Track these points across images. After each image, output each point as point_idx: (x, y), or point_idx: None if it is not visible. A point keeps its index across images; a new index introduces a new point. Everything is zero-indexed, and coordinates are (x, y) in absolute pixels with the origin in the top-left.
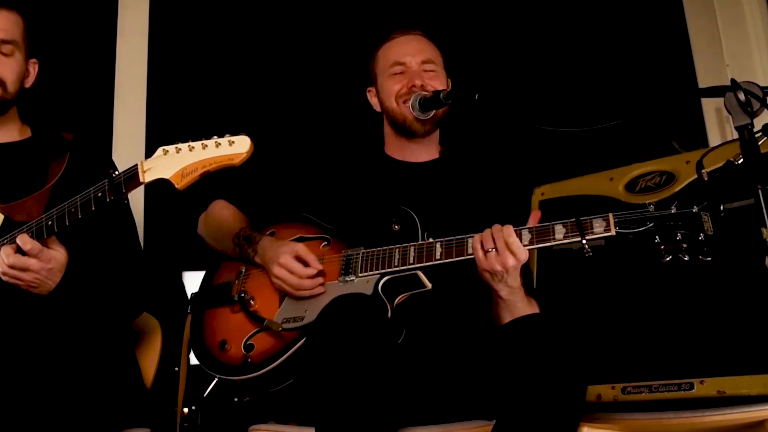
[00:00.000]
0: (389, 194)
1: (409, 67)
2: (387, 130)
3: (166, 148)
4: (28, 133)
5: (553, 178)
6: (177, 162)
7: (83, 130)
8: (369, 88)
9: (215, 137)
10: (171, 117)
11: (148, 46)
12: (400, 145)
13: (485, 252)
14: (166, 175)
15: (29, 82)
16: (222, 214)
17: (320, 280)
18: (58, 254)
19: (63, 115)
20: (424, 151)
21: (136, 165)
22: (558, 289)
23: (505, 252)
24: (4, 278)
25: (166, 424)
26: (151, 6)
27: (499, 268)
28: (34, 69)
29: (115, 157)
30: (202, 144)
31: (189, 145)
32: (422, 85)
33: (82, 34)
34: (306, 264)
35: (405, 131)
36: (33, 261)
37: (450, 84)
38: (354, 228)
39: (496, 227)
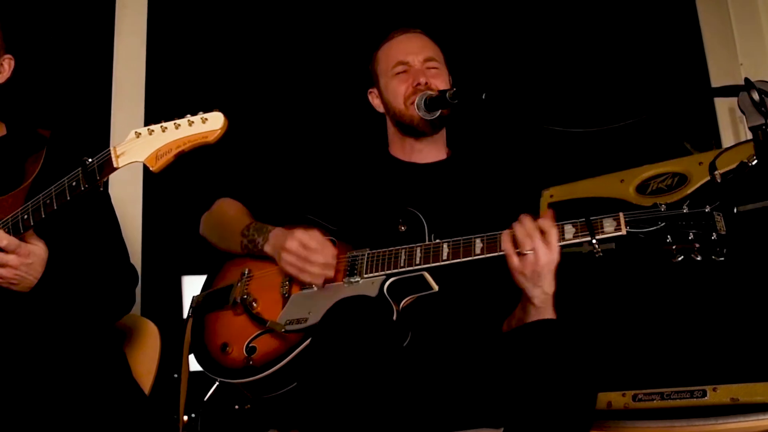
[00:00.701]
0: (395, 195)
1: (412, 66)
2: (391, 130)
3: (139, 130)
4: (3, 130)
5: (562, 180)
6: (150, 144)
7: (80, 129)
8: (370, 90)
9: (188, 116)
10: (170, 118)
11: (147, 46)
12: (406, 145)
13: (520, 254)
14: (140, 158)
15: (2, 78)
16: (228, 211)
17: (332, 265)
18: (37, 248)
19: (60, 115)
20: (432, 152)
21: (109, 150)
22: (567, 294)
23: (541, 250)
24: None
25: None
26: (149, 6)
27: (531, 268)
28: (9, 65)
29: None
30: (175, 124)
31: (162, 126)
32: (426, 83)
33: (80, 33)
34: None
35: (413, 131)
36: (11, 257)
37: (451, 80)
38: (359, 229)
39: (529, 222)
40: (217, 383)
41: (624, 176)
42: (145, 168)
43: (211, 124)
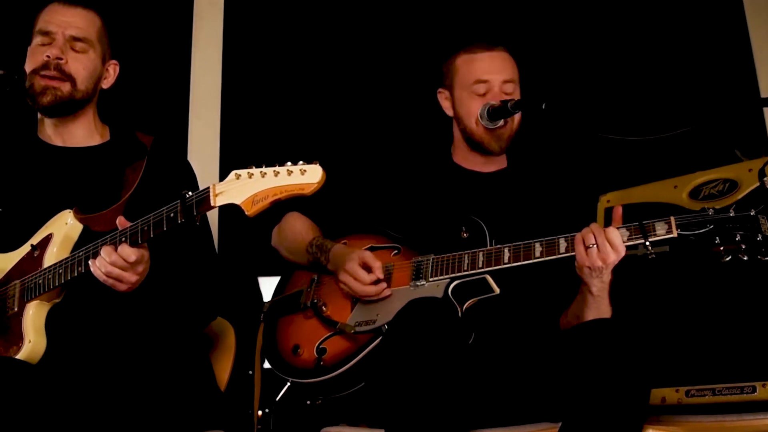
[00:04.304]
0: (458, 203)
1: (492, 86)
2: (458, 136)
3: (239, 172)
4: (107, 135)
5: (618, 186)
6: (249, 188)
7: (160, 136)
8: (440, 90)
9: (288, 164)
10: (245, 126)
11: (223, 56)
12: (471, 154)
13: (586, 248)
14: (237, 201)
15: (108, 83)
16: (295, 225)
17: (384, 285)
18: (147, 253)
19: (140, 122)
20: (493, 162)
21: (208, 188)
22: (622, 294)
23: (606, 247)
24: (105, 277)
25: (239, 426)
26: (225, 18)
27: (599, 263)
28: (114, 70)
29: None
30: (275, 171)
31: (261, 171)
32: None
33: (158, 44)
34: (370, 270)
35: (481, 149)
36: (141, 266)
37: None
38: (424, 236)
39: (596, 225)
40: (288, 384)
41: (677, 182)
42: (239, 209)
43: (309, 176)
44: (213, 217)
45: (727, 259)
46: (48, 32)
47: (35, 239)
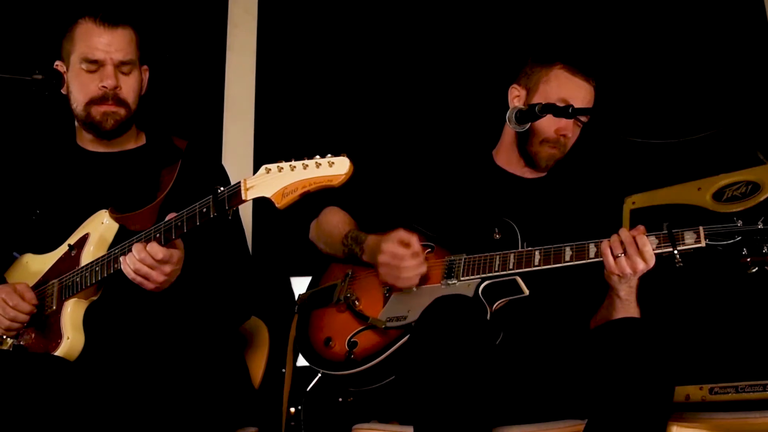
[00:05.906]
0: (494, 205)
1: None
2: (508, 138)
3: (269, 166)
4: (143, 140)
5: (643, 188)
6: (278, 181)
7: (194, 140)
8: (515, 86)
9: (317, 157)
10: (278, 130)
11: (256, 62)
12: (516, 160)
13: (615, 257)
14: (268, 194)
15: (143, 90)
16: (332, 219)
17: (422, 258)
18: (179, 252)
19: (176, 126)
20: (534, 169)
21: (240, 182)
22: (647, 294)
23: (636, 257)
24: (134, 274)
25: (272, 423)
26: (258, 25)
27: (629, 271)
28: (145, 76)
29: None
30: (303, 164)
31: (291, 165)
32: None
33: (194, 49)
34: (408, 246)
35: (531, 161)
36: (167, 266)
37: None
38: (457, 236)
39: (626, 233)
40: (319, 375)
41: (701, 184)
42: (270, 201)
43: (337, 168)
44: (247, 219)
45: (754, 270)
46: (96, 60)
47: (72, 239)
